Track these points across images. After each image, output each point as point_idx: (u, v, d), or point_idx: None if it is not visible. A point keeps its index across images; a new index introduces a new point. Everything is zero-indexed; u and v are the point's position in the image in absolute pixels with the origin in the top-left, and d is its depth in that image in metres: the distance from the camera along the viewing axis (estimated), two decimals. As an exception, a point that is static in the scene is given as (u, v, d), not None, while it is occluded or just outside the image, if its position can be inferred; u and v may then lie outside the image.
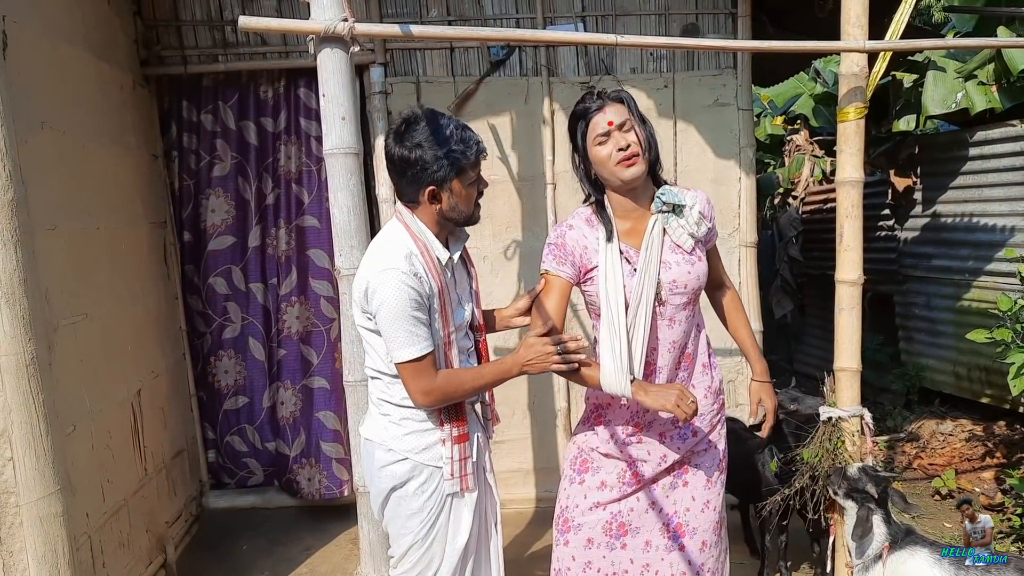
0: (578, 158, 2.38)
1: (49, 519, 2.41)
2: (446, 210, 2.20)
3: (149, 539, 3.50)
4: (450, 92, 4.10)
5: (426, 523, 2.24)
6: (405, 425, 2.23)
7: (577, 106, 2.38)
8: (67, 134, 2.99)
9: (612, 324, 2.29)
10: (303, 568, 3.76)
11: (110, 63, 3.51)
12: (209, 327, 4.23)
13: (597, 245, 2.36)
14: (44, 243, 2.65)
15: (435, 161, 2.12)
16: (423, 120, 2.16)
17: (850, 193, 2.75)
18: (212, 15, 4.04)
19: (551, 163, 4.15)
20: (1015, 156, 4.71)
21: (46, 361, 2.44)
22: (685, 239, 2.35)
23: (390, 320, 2.10)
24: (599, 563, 2.46)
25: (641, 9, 4.14)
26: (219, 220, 4.17)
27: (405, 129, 2.16)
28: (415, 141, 2.13)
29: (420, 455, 2.22)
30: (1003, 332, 3.38)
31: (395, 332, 2.10)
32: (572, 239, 2.37)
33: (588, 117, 2.31)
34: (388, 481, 2.24)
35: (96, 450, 3.01)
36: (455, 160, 2.14)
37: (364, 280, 2.15)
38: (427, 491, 2.23)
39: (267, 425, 4.30)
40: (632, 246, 2.35)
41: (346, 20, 2.22)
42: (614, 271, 2.31)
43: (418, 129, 2.14)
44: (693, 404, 2.17)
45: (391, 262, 2.13)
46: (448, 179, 2.15)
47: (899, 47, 2.77)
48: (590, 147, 2.31)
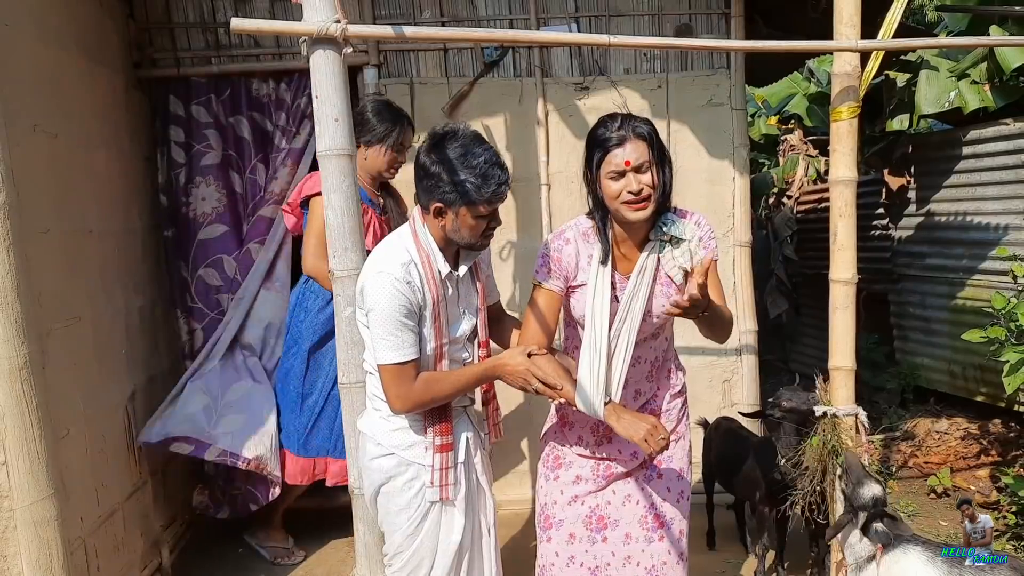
0: (590, 175, 2.29)
1: (43, 523, 2.40)
2: (449, 230, 2.22)
3: (144, 543, 3.49)
4: (444, 93, 4.10)
5: (414, 520, 2.26)
6: (394, 421, 2.26)
7: (598, 129, 2.27)
8: (60, 137, 2.98)
9: (594, 344, 2.28)
10: (299, 571, 3.75)
11: (103, 66, 3.51)
12: (202, 322, 4.07)
13: (589, 263, 2.34)
14: (37, 246, 2.64)
15: (450, 183, 2.14)
16: (461, 139, 2.18)
17: (844, 192, 2.76)
18: (205, 17, 4.03)
19: (545, 164, 4.15)
20: (1008, 155, 4.72)
21: (39, 364, 2.43)
22: (676, 273, 2.31)
23: (378, 322, 2.14)
24: (582, 557, 2.49)
25: (634, 10, 4.15)
26: (209, 209, 4.03)
27: (439, 141, 2.18)
28: (441, 156, 2.16)
29: (406, 451, 2.25)
30: (997, 330, 3.39)
31: (381, 334, 2.14)
32: (567, 255, 2.36)
33: (606, 149, 2.21)
34: (377, 475, 2.28)
35: (90, 454, 3.00)
36: (467, 191, 2.13)
37: (362, 279, 2.20)
38: (414, 488, 2.25)
39: None
40: (622, 274, 2.35)
41: (339, 22, 2.22)
42: (603, 295, 2.30)
43: (450, 147, 2.16)
44: (663, 441, 2.16)
45: (387, 266, 2.15)
46: (455, 204, 2.16)
47: (892, 46, 2.78)
48: (602, 177, 2.23)
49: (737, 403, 4.28)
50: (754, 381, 4.33)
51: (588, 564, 2.49)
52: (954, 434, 4.79)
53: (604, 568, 2.49)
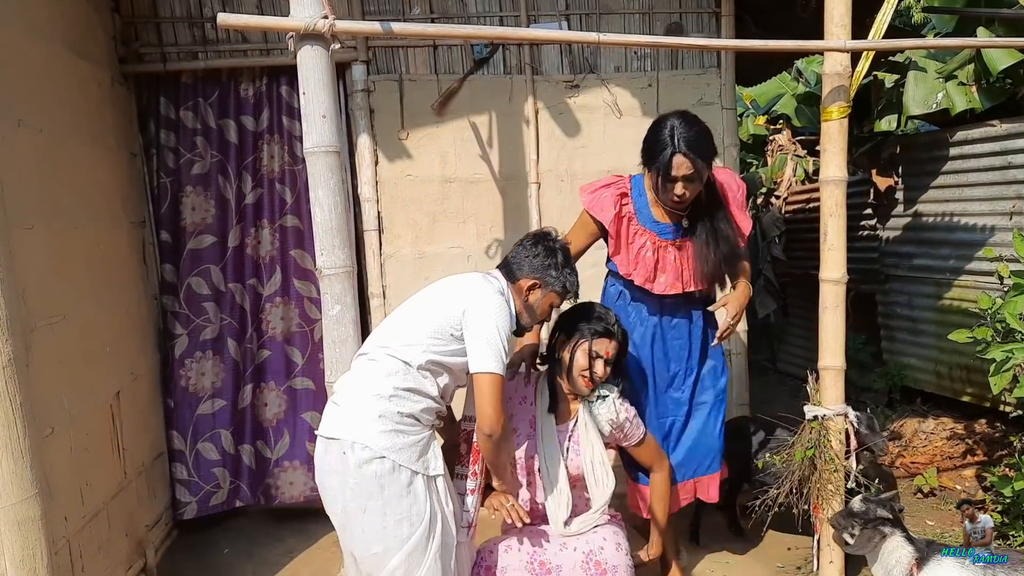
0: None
1: (27, 523, 2.37)
2: (529, 303, 2.54)
3: (129, 543, 3.46)
4: (433, 90, 4.08)
5: (419, 531, 2.23)
6: (385, 421, 2.24)
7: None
8: (44, 132, 2.95)
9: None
10: (285, 572, 3.73)
11: (88, 60, 3.47)
12: (187, 328, 4.09)
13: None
14: (21, 243, 2.60)
15: (556, 270, 2.55)
16: (562, 243, 2.63)
17: (834, 192, 2.77)
18: (191, 12, 3.99)
19: (535, 162, 4.14)
20: (995, 156, 4.74)
21: (23, 362, 2.39)
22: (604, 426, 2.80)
23: (492, 330, 2.30)
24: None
25: (625, 8, 4.14)
26: (199, 219, 4.08)
27: (548, 236, 2.63)
28: (557, 247, 2.58)
29: (398, 455, 2.22)
30: (983, 331, 3.40)
31: (490, 343, 2.28)
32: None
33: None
34: (369, 483, 2.21)
35: (75, 453, 2.97)
36: (564, 284, 2.57)
37: (472, 293, 2.40)
38: (412, 494, 2.23)
39: (246, 427, 4.18)
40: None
41: (326, 17, 2.21)
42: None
43: (558, 246, 2.59)
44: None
45: (501, 291, 2.46)
46: (550, 288, 2.56)
47: (882, 47, 2.79)
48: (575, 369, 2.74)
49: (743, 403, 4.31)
50: (744, 381, 4.35)
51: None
52: (940, 434, 4.81)
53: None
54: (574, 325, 2.76)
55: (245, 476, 4.16)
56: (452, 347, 2.34)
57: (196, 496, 4.09)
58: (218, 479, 4.12)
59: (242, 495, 4.16)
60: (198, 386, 4.12)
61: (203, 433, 4.12)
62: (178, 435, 4.08)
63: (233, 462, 4.16)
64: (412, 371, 2.30)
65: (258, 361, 4.18)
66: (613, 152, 4.16)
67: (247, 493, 4.17)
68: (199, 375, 4.11)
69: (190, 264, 4.08)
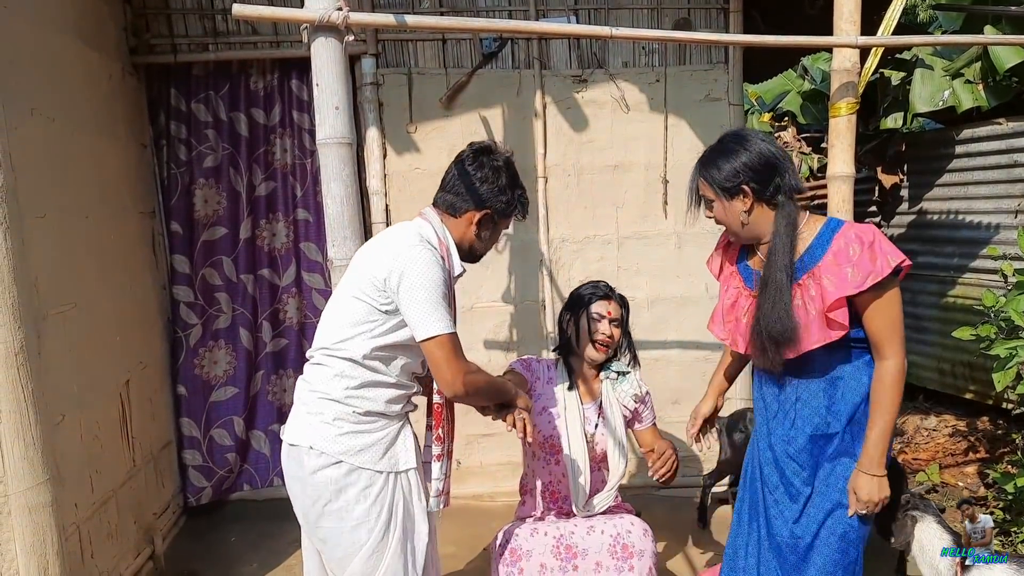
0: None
1: (38, 509, 2.39)
2: (481, 236, 2.27)
3: (137, 530, 3.49)
4: (442, 84, 4.09)
5: (376, 533, 2.13)
6: (340, 424, 2.12)
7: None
8: (56, 122, 2.97)
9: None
10: (292, 560, 3.75)
11: (99, 51, 3.48)
12: (201, 318, 4.17)
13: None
14: (33, 231, 2.62)
15: (505, 193, 2.25)
16: (505, 157, 2.29)
17: (841, 188, 2.78)
18: (202, 3, 4.00)
19: (543, 156, 4.15)
20: (1000, 154, 4.76)
21: (35, 350, 2.42)
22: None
23: (424, 293, 2.03)
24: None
25: (634, 3, 4.15)
26: (211, 211, 4.14)
27: (491, 152, 2.27)
28: (497, 165, 2.24)
29: (355, 458, 2.11)
30: (987, 328, 3.42)
31: (428, 307, 2.02)
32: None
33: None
34: (323, 490, 2.11)
35: (85, 440, 2.99)
36: (511, 204, 2.27)
37: (390, 257, 2.08)
38: (370, 497, 2.12)
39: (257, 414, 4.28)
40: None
41: (340, 9, 2.22)
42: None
43: (502, 162, 2.27)
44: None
45: (418, 240, 2.13)
46: (503, 215, 2.28)
47: (892, 43, 2.80)
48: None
49: (730, 397, 4.29)
50: (747, 375, 4.35)
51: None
52: (943, 431, 4.84)
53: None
54: (573, 301, 2.85)
55: (257, 461, 4.30)
56: (390, 323, 2.11)
57: (211, 481, 4.20)
58: (231, 464, 4.23)
59: (252, 479, 4.30)
60: (211, 374, 4.21)
61: (216, 420, 4.22)
62: (192, 422, 4.18)
63: (243, 447, 4.27)
64: (359, 366, 2.11)
65: (276, 349, 4.28)
66: (620, 147, 4.18)
67: (256, 479, 4.30)
68: (212, 363, 4.21)
69: (204, 255, 4.16)
